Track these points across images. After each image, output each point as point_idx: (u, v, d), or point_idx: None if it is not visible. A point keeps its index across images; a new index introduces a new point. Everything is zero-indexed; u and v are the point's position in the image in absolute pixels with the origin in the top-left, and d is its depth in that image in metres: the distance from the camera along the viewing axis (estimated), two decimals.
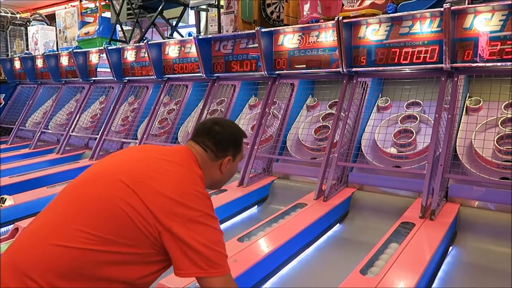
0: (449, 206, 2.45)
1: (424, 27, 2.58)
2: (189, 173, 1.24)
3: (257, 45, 3.20)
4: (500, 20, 2.34)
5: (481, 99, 2.74)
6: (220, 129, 1.36)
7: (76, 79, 5.06)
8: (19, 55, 5.99)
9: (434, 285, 1.92)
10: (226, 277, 1.16)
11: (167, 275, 1.69)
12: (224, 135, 1.36)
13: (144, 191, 1.13)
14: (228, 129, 1.38)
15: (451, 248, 2.24)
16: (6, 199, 2.74)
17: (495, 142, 2.46)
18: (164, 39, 4.28)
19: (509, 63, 2.33)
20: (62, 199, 1.23)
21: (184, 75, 3.97)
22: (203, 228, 1.14)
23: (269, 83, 3.41)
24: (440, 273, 2.01)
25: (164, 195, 1.13)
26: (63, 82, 5.35)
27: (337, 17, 2.74)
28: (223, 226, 2.63)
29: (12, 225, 2.45)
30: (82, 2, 5.75)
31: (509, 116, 2.54)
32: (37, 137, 4.92)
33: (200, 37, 3.60)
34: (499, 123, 2.55)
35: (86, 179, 1.23)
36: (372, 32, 2.77)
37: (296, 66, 3.17)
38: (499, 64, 2.37)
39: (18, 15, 6.78)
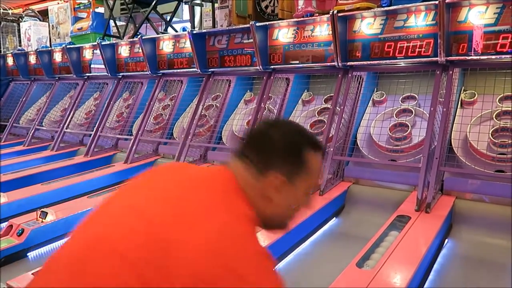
0: (444, 199, 2.45)
1: (419, 21, 2.57)
2: (231, 219, 0.83)
3: (252, 39, 3.19)
4: (494, 13, 2.34)
5: (475, 92, 2.74)
6: (271, 131, 0.93)
7: (69, 75, 5.01)
8: (11, 51, 5.92)
9: (430, 277, 1.93)
10: None
11: None
12: (273, 140, 0.91)
13: (168, 261, 0.75)
14: (282, 132, 0.94)
15: (446, 240, 2.25)
16: None
17: (490, 135, 2.47)
18: (158, 34, 4.25)
19: (503, 56, 2.33)
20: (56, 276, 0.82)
21: (178, 70, 3.94)
22: None
23: (264, 78, 3.40)
24: (436, 266, 2.02)
25: (197, 262, 0.74)
26: (57, 78, 5.31)
27: (332, 11, 2.73)
28: None
29: (6, 222, 2.44)
30: None
31: (504, 109, 2.55)
32: (31, 134, 4.88)
33: (195, 32, 3.58)
34: (494, 116, 2.55)
35: (88, 247, 0.81)
36: (367, 26, 2.76)
37: (291, 61, 3.16)
38: (493, 57, 2.37)
39: (10, 11, 6.70)
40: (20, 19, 6.58)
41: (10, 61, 5.88)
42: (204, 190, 0.88)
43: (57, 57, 5.15)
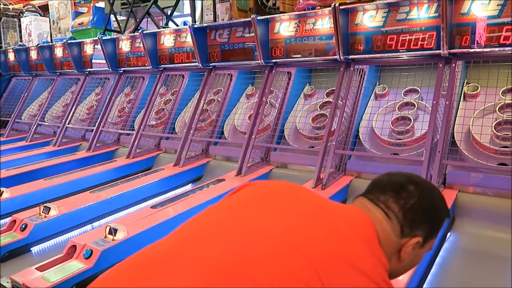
0: (447, 192, 2.45)
1: (422, 13, 2.55)
2: (375, 265, 0.84)
3: (253, 33, 3.17)
4: (498, 5, 2.32)
5: (478, 85, 2.73)
6: (417, 192, 0.95)
7: (71, 70, 5.01)
8: (12, 47, 5.92)
9: (432, 270, 1.93)
10: None
11: None
12: (420, 202, 0.94)
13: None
14: (429, 196, 0.96)
15: (449, 234, 2.25)
16: (3, 191, 2.73)
17: (493, 128, 2.46)
18: (159, 28, 4.24)
19: (507, 48, 2.31)
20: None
21: (180, 64, 3.93)
22: None
23: (266, 72, 3.39)
24: (438, 259, 2.02)
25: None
26: (58, 73, 5.30)
27: (333, 4, 2.71)
28: None
29: (9, 218, 2.45)
30: None
31: (507, 102, 2.53)
32: (33, 130, 4.89)
33: (196, 26, 3.56)
34: (497, 109, 2.54)
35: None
36: (369, 19, 2.74)
37: (292, 55, 3.14)
38: (496, 49, 2.35)
39: (10, 6, 6.69)
40: (21, 14, 6.56)
41: (11, 56, 5.88)
42: (347, 227, 0.88)
43: (58, 52, 5.15)
